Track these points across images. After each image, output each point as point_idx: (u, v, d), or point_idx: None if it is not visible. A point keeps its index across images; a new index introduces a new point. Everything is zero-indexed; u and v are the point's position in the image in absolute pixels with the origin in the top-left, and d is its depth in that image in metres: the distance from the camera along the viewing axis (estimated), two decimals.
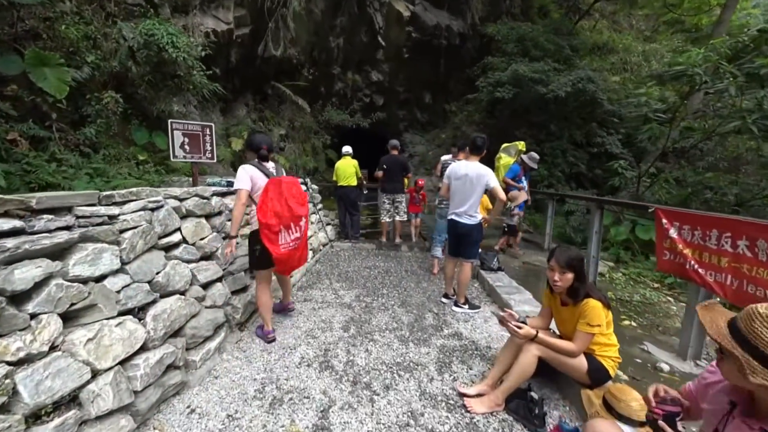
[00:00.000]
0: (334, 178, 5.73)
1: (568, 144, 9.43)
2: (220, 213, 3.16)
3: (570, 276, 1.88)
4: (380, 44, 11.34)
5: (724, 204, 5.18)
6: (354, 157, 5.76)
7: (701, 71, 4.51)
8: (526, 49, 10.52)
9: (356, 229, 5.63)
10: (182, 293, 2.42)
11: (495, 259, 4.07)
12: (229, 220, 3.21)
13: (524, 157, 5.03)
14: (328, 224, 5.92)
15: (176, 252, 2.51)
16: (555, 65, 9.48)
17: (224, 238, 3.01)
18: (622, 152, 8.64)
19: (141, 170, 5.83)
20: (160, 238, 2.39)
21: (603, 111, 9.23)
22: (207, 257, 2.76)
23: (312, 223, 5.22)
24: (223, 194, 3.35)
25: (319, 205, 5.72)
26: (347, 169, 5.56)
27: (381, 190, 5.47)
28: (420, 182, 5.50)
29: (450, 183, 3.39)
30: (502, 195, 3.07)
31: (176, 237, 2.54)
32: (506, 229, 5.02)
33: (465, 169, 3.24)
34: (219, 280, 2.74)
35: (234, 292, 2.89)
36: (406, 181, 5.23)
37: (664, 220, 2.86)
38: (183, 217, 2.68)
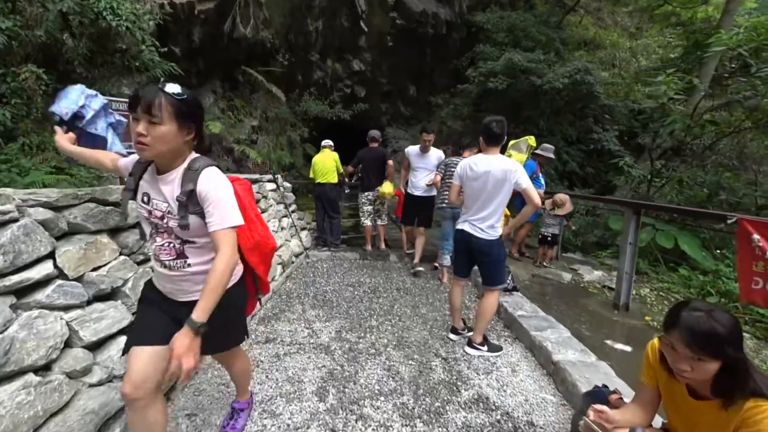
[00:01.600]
0: (311, 175, 4.73)
1: (561, 141, 8.80)
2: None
3: (713, 367, 1.02)
4: (362, 30, 10.29)
5: (743, 208, 4.63)
6: (336, 151, 4.80)
7: (745, 52, 3.87)
8: (516, 40, 9.79)
9: (336, 234, 4.68)
10: (42, 369, 1.41)
11: (509, 277, 3.23)
12: None
13: (539, 150, 4.27)
14: (303, 229, 4.91)
15: (40, 296, 1.48)
16: (547, 57, 8.82)
17: (139, 264, 1.98)
18: (619, 150, 8.09)
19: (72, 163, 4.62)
20: (1, 276, 1.37)
21: (599, 106, 8.65)
22: (105, 296, 1.74)
23: (283, 228, 4.21)
24: None
25: (292, 207, 4.71)
26: (326, 164, 4.57)
27: (360, 188, 4.55)
28: None
29: (464, 184, 2.50)
30: (536, 199, 2.21)
31: (42, 270, 1.51)
32: (549, 239, 4.24)
33: (485, 164, 2.36)
34: (124, 330, 1.74)
35: None
36: (390, 185, 4.30)
37: (756, 236, 2.08)
38: (61, 236, 1.65)
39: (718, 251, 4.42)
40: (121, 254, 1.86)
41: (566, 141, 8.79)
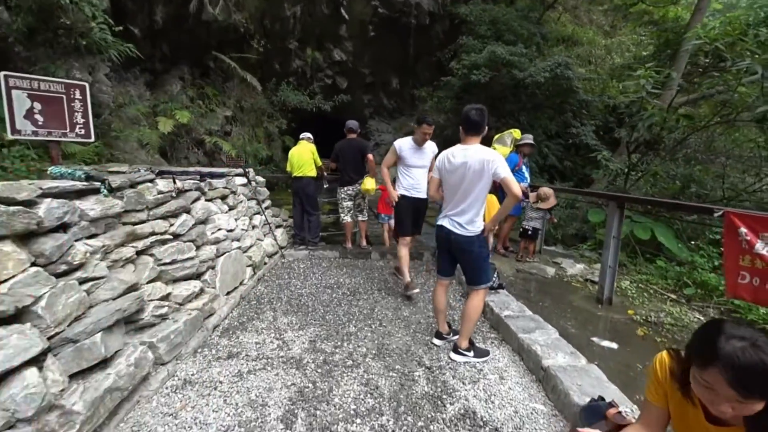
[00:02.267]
0: (288, 168, 4.38)
1: (542, 135, 8.77)
2: (63, 228, 1.76)
3: (760, 406, 0.82)
4: (343, 18, 9.84)
5: (711, 200, 4.69)
6: (317, 144, 4.46)
7: (722, 46, 3.83)
8: (499, 33, 9.63)
9: (314, 232, 4.36)
10: None
11: (495, 274, 3.05)
12: (89, 237, 1.85)
13: (520, 140, 4.13)
14: (279, 226, 4.56)
15: None
16: (528, 51, 8.72)
17: (60, 276, 1.63)
18: (596, 144, 8.14)
19: (5, 155, 4.07)
20: None
21: (577, 101, 8.66)
22: (10, 318, 1.39)
23: (254, 227, 3.86)
24: (75, 194, 1.94)
25: (266, 203, 4.35)
26: (303, 156, 4.23)
27: (339, 182, 4.24)
28: None
29: (442, 177, 2.29)
30: (516, 189, 2.00)
31: None
32: (529, 233, 4.08)
33: (462, 155, 2.14)
34: (35, 360, 1.39)
35: (74, 376, 1.56)
36: (372, 181, 4.01)
37: (743, 229, 1.97)
38: None
39: (692, 242, 4.45)
40: (33, 265, 1.51)
41: (546, 135, 8.77)
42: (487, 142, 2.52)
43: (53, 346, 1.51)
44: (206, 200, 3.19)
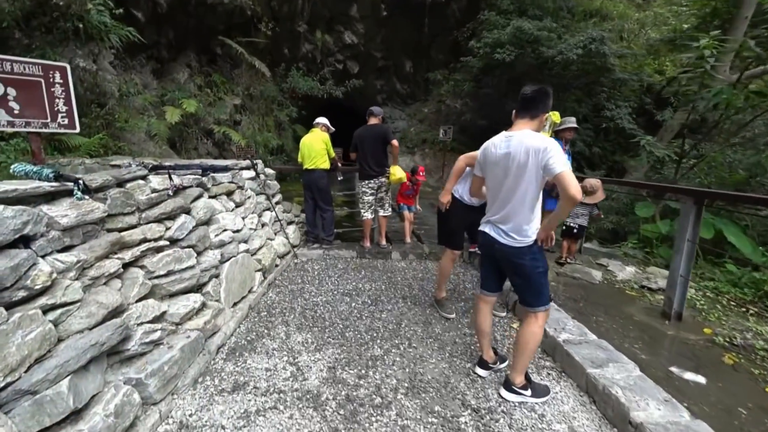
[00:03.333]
0: (299, 159, 3.96)
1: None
2: (24, 243, 1.40)
3: None
4: None
5: None
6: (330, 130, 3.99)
7: None
8: (523, 7, 8.80)
9: (329, 229, 3.96)
10: None
11: None
12: (61, 250, 1.50)
13: (562, 124, 3.57)
14: (290, 223, 4.18)
15: None
16: (556, 26, 7.92)
17: (15, 305, 1.27)
18: (633, 128, 7.40)
19: (2, 147, 3.79)
20: None
21: (612, 80, 7.86)
22: None
23: (264, 225, 3.48)
24: (42, 197, 1.57)
25: (276, 197, 3.96)
26: (314, 146, 3.78)
27: (359, 175, 3.79)
28: (421, 169, 3.87)
29: (483, 172, 1.83)
30: (573, 189, 1.48)
31: None
32: (575, 231, 3.56)
33: (504, 144, 1.68)
34: None
35: None
36: (400, 169, 3.57)
37: None
38: None
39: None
40: None
41: (575, 119, 8.05)
42: None
43: (3, 402, 1.16)
44: (209, 197, 2.81)
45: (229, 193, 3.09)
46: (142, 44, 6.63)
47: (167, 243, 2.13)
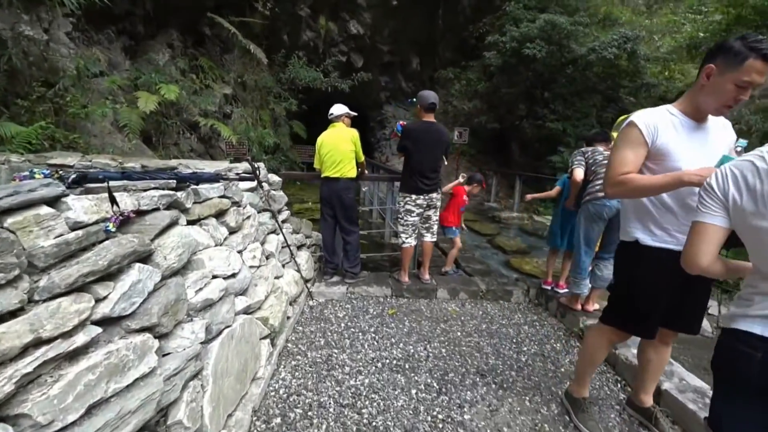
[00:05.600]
0: (316, 165, 2.88)
1: (596, 125, 7.28)
2: None
3: None
4: None
5: None
6: (354, 125, 2.93)
7: None
8: (544, 3, 7.98)
9: (353, 258, 2.86)
10: None
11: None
12: None
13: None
14: (301, 246, 3.08)
15: None
16: (588, 22, 7.13)
17: None
18: None
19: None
20: None
21: (640, 85, 7.13)
22: None
23: (269, 256, 2.39)
24: None
25: (284, 214, 2.88)
26: (339, 147, 2.70)
27: (402, 187, 2.76)
28: (479, 177, 2.92)
29: (737, 212, 0.86)
30: None
31: None
32: None
33: None
34: None
35: None
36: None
37: None
38: None
39: None
40: None
41: (601, 125, 7.27)
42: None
43: None
44: (188, 223, 1.73)
45: (220, 214, 2.01)
46: (111, 14, 5.35)
47: (93, 335, 1.04)
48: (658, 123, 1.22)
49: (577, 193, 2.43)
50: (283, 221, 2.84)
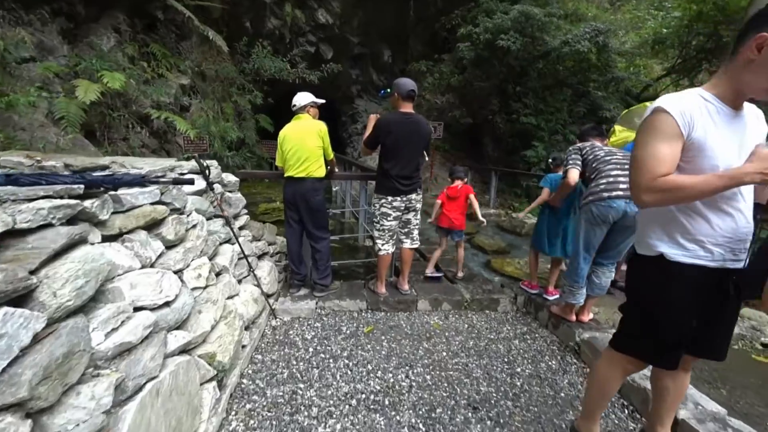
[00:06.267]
0: (278, 163, 2.50)
1: (567, 117, 7.32)
2: None
3: None
4: None
5: None
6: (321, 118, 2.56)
7: None
8: None
9: (324, 269, 2.48)
10: None
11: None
12: None
13: None
14: (262, 255, 2.70)
15: None
16: (561, 14, 7.11)
17: None
18: None
19: None
20: None
21: (609, 79, 7.24)
22: None
23: (222, 271, 2.01)
24: None
25: (241, 220, 2.48)
26: (305, 142, 2.34)
27: (378, 188, 2.45)
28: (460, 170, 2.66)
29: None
30: None
31: None
32: None
33: None
34: None
35: None
36: None
37: None
38: None
39: None
40: None
41: (572, 118, 7.33)
42: None
43: None
44: (103, 240, 1.35)
45: (153, 225, 1.61)
46: None
47: None
48: (693, 111, 0.98)
49: (567, 196, 2.24)
50: (241, 228, 2.45)
